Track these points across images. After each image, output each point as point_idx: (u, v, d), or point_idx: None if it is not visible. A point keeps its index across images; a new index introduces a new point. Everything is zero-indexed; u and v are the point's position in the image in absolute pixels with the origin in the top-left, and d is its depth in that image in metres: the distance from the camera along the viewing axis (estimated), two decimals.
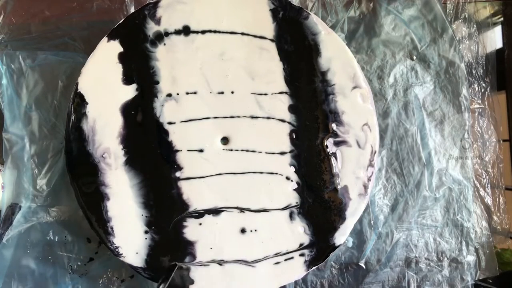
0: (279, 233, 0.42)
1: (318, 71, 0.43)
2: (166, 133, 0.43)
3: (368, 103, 0.43)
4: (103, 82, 0.43)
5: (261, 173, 0.42)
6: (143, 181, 0.42)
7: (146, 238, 0.42)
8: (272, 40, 0.43)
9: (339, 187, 0.42)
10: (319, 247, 0.42)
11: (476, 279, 0.49)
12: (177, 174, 0.42)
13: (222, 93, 0.43)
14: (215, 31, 0.43)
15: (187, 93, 0.43)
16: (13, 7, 0.49)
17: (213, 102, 0.43)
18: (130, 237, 0.42)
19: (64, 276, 0.46)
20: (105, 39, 0.43)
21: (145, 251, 0.42)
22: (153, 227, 0.42)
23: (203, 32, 0.43)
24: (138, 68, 0.43)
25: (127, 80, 0.43)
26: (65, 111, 0.44)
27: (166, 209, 0.42)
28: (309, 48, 0.43)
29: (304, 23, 0.43)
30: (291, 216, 0.42)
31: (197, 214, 0.42)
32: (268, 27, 0.43)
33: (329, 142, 0.42)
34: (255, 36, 0.43)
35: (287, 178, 0.43)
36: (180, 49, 0.43)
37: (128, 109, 0.43)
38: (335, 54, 0.43)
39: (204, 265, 0.42)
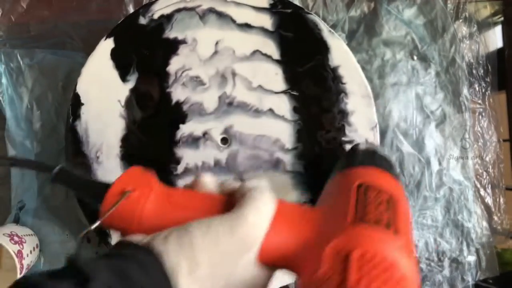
0: None
1: (328, 71, 0.42)
2: (166, 131, 0.42)
3: (371, 104, 0.42)
4: (101, 82, 0.42)
5: (264, 171, 0.42)
6: None
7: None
8: (273, 37, 0.43)
9: None
10: None
11: (476, 279, 0.49)
12: (176, 172, 0.42)
13: (224, 89, 0.43)
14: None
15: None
16: (11, 5, 0.49)
17: (215, 99, 0.43)
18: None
19: None
20: (104, 39, 0.42)
21: None
22: None
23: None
24: (137, 67, 0.43)
25: (126, 79, 0.42)
26: (65, 111, 0.44)
27: None
28: (313, 48, 0.42)
29: (308, 19, 0.43)
30: None
31: None
32: (268, 23, 0.43)
33: (335, 140, 0.42)
34: (257, 32, 0.43)
35: (292, 177, 0.42)
36: (181, 46, 0.43)
37: (126, 108, 0.42)
38: (338, 56, 0.42)
39: None
